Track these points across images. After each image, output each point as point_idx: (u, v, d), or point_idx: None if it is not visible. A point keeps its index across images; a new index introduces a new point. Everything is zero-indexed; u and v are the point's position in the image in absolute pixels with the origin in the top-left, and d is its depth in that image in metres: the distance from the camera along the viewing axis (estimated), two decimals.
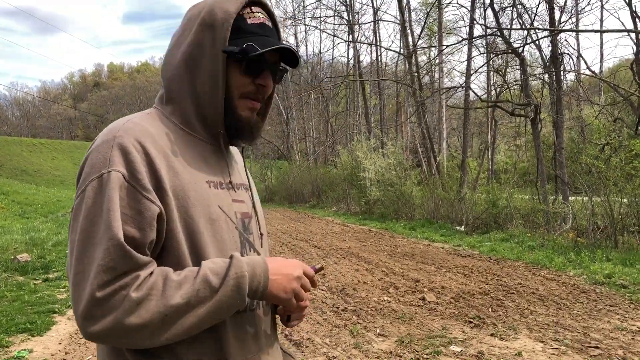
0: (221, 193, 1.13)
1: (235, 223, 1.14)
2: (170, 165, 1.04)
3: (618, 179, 9.68)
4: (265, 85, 1.13)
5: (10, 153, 50.81)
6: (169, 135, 1.08)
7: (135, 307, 0.93)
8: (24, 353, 4.44)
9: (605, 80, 15.91)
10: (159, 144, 1.04)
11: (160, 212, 0.99)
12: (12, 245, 9.93)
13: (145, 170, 0.99)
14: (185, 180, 1.05)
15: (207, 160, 1.14)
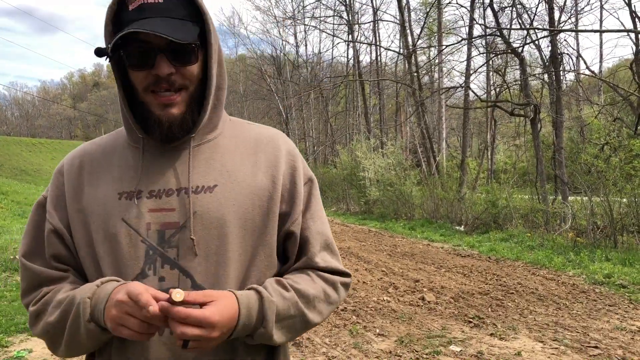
0: (129, 204, 1.03)
1: (142, 236, 1.01)
2: (86, 181, 1.09)
3: (617, 179, 9.68)
4: (159, 74, 0.96)
5: (9, 153, 50.81)
6: (106, 150, 1.12)
7: (33, 320, 1.07)
8: (23, 353, 4.44)
9: (604, 80, 15.91)
10: (84, 162, 1.11)
11: (55, 229, 1.07)
12: (12, 245, 9.93)
13: (55, 192, 1.10)
14: (95, 195, 1.07)
15: (130, 170, 1.06)
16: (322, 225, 1.13)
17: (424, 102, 21.08)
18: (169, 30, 0.93)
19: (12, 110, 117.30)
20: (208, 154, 1.08)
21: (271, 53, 36.30)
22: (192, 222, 1.01)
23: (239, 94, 41.91)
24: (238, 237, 1.03)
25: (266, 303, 0.98)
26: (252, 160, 1.10)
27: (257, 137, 1.14)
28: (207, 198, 1.03)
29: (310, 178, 1.15)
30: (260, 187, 1.07)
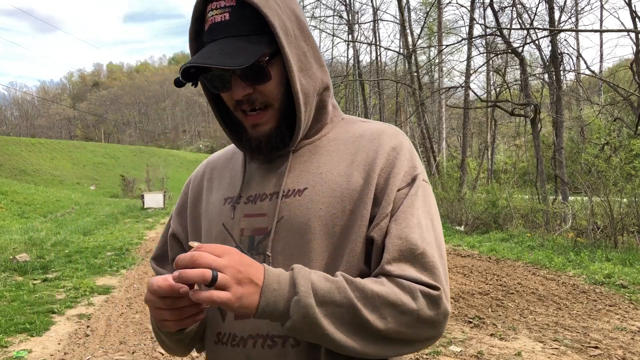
0: (230, 209, 1.03)
1: (235, 242, 1.00)
2: (205, 188, 1.13)
3: (618, 179, 9.68)
4: (235, 98, 0.94)
5: (9, 153, 50.78)
6: (227, 157, 1.15)
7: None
8: (23, 353, 4.43)
9: (605, 80, 15.91)
10: (207, 170, 1.17)
11: (174, 233, 1.14)
12: (11, 245, 9.92)
13: (181, 199, 1.17)
14: (208, 201, 1.10)
15: (237, 176, 1.08)
16: (410, 230, 0.91)
17: (424, 102, 21.08)
18: (228, 54, 0.88)
19: (12, 110, 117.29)
20: (307, 157, 1.01)
21: None
22: (273, 229, 0.96)
23: None
24: (322, 244, 0.95)
25: (295, 269, 0.85)
26: (349, 159, 0.99)
27: (360, 134, 1.02)
28: (295, 202, 0.97)
29: (414, 177, 0.97)
30: (353, 188, 0.96)
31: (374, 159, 0.97)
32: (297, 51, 0.95)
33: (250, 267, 0.81)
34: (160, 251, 1.17)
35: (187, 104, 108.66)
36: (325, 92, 1.02)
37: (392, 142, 0.99)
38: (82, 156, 59.69)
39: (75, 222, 15.30)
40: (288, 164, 1.00)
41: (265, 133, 0.97)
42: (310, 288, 0.83)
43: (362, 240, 0.94)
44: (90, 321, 5.40)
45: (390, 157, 0.97)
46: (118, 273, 8.02)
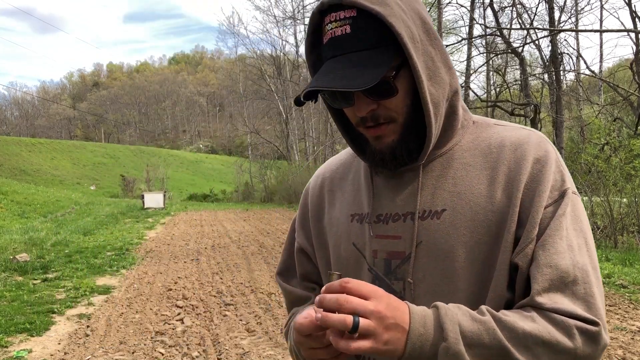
0: (360, 228, 0.97)
1: (369, 264, 0.94)
2: (327, 200, 1.08)
3: (617, 179, 9.68)
4: (358, 115, 0.88)
5: (9, 153, 50.78)
6: (345, 167, 1.08)
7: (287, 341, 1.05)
8: (23, 353, 4.43)
9: (604, 80, 15.92)
10: (325, 180, 1.10)
11: (301, 248, 1.10)
12: (11, 245, 9.92)
13: (301, 211, 1.13)
14: (331, 215, 1.05)
15: (361, 190, 1.01)
16: (559, 256, 0.82)
17: None
18: (353, 74, 0.82)
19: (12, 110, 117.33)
20: (439, 171, 0.92)
21: (271, 53, 36.31)
22: (413, 255, 0.89)
23: (239, 94, 41.91)
24: (467, 272, 0.87)
25: (442, 311, 0.78)
26: (489, 175, 0.89)
27: (500, 143, 0.91)
28: (434, 225, 0.89)
29: (562, 193, 0.86)
30: (498, 210, 0.87)
31: (517, 174, 0.87)
32: (425, 58, 0.87)
33: (396, 311, 0.76)
34: (285, 265, 1.14)
35: (187, 104, 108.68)
36: (454, 96, 0.93)
37: (535, 153, 0.88)
38: (82, 156, 59.69)
39: (75, 222, 15.30)
40: (419, 180, 0.92)
41: (388, 145, 0.91)
42: (458, 333, 0.77)
43: (507, 266, 0.85)
44: (90, 321, 5.40)
45: (535, 171, 0.87)
46: (118, 273, 8.02)
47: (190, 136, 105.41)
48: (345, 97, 0.88)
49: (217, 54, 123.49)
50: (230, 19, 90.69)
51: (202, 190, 42.75)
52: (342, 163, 1.09)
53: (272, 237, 12.25)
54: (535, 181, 0.86)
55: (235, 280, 7.30)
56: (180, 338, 4.79)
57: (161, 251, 10.33)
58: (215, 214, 21.58)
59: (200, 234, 13.56)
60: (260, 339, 4.75)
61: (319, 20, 0.88)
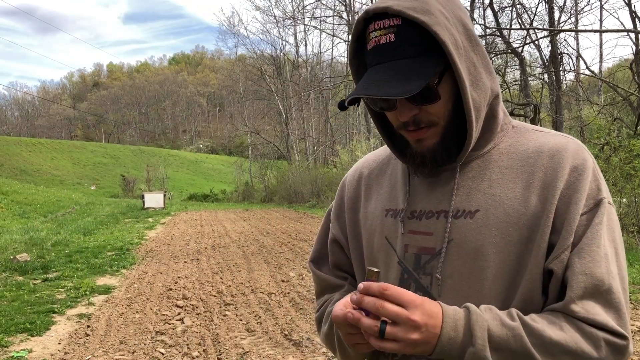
0: (394, 222, 1.00)
1: (399, 257, 0.97)
2: (363, 194, 1.11)
3: (617, 179, 9.69)
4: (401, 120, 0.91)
5: (9, 153, 50.79)
6: (383, 163, 1.11)
7: (317, 326, 1.13)
8: (23, 353, 4.44)
9: (604, 80, 15.92)
10: (363, 174, 1.13)
11: (335, 238, 1.12)
12: (12, 245, 9.93)
13: (337, 202, 1.16)
14: (367, 208, 1.08)
15: (397, 186, 1.04)
16: (595, 264, 0.84)
17: None
18: (398, 81, 0.84)
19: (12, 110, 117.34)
20: (476, 172, 0.95)
21: (271, 53, 36.34)
22: (444, 251, 0.92)
23: (239, 94, 41.92)
24: (496, 273, 0.89)
25: (473, 316, 0.82)
26: (525, 180, 0.91)
27: (538, 149, 0.93)
28: (466, 225, 0.92)
29: (598, 202, 0.88)
30: (532, 214, 0.88)
31: (553, 180, 0.89)
32: (468, 64, 0.89)
33: (430, 318, 0.80)
34: (319, 254, 1.17)
35: (187, 104, 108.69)
36: (495, 100, 0.95)
37: (573, 161, 0.90)
38: (82, 156, 59.70)
39: (76, 222, 15.31)
40: (456, 180, 0.94)
41: (429, 148, 0.93)
42: (486, 340, 0.80)
43: (540, 271, 0.87)
44: (91, 321, 5.41)
45: (572, 179, 0.88)
46: (118, 273, 8.03)
47: (190, 136, 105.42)
48: (388, 102, 0.90)
49: (217, 54, 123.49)
50: (231, 19, 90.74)
51: (202, 190, 42.76)
52: (381, 160, 1.12)
53: (272, 237, 12.25)
54: (571, 189, 0.88)
55: (235, 280, 7.30)
56: (181, 338, 4.80)
57: (161, 251, 10.34)
58: (216, 214, 21.59)
59: (200, 234, 13.56)
60: (260, 339, 4.76)
61: (363, 27, 0.91)
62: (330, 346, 1.07)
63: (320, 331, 1.11)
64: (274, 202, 30.27)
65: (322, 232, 1.18)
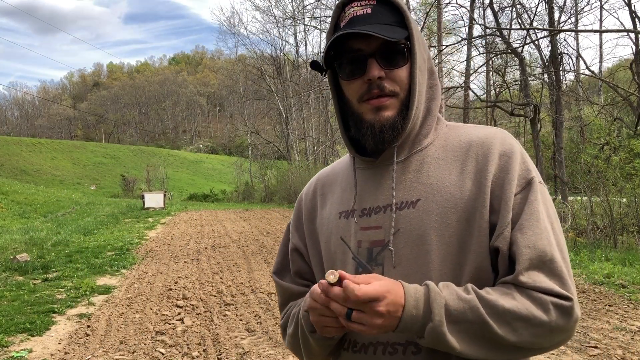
0: (347, 223, 1.07)
1: (353, 253, 1.04)
2: (319, 204, 1.17)
3: (617, 179, 9.69)
4: (370, 79, 0.97)
5: (9, 153, 50.78)
6: (335, 172, 1.19)
7: (282, 333, 1.18)
8: (23, 353, 4.44)
9: (604, 80, 15.92)
10: (318, 186, 1.20)
11: (295, 247, 1.18)
12: (12, 245, 9.93)
13: (296, 215, 1.22)
14: (322, 216, 1.14)
15: (347, 189, 1.10)
16: (537, 237, 0.91)
17: None
18: (377, 30, 0.94)
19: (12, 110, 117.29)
20: (415, 167, 1.02)
21: (271, 53, 36.32)
22: (391, 240, 0.99)
23: (239, 94, 41.92)
24: (440, 255, 0.96)
25: (432, 294, 0.88)
26: (459, 168, 0.99)
27: (468, 140, 1.02)
28: (410, 214, 0.99)
29: (529, 181, 0.96)
30: (467, 197, 0.96)
31: (484, 165, 0.97)
32: (423, 54, 1.02)
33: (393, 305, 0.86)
34: (281, 265, 1.22)
35: (187, 104, 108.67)
36: (432, 102, 1.06)
37: (501, 147, 0.98)
38: (82, 156, 59.69)
39: (76, 222, 15.31)
40: (394, 175, 1.02)
41: (388, 119, 0.99)
42: (443, 316, 0.87)
43: (485, 250, 0.94)
44: (91, 321, 5.41)
45: (502, 162, 0.97)
46: (118, 273, 8.03)
47: (190, 136, 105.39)
48: (358, 63, 0.98)
49: (217, 54, 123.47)
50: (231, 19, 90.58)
51: (202, 190, 42.75)
52: (333, 170, 1.20)
53: (272, 237, 12.25)
54: (503, 171, 0.96)
55: (235, 280, 7.30)
56: (181, 338, 4.80)
57: (161, 251, 10.34)
58: (216, 214, 21.59)
59: (200, 234, 13.56)
60: (260, 338, 4.76)
61: (340, 12, 1.01)
62: (295, 347, 1.11)
63: (286, 335, 1.15)
64: (274, 202, 30.27)
65: (283, 244, 1.23)
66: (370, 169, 1.07)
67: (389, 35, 0.93)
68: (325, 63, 1.03)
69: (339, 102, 1.07)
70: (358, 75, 0.98)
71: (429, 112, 1.05)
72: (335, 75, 1.05)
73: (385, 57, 0.97)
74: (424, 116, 1.04)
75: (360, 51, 0.97)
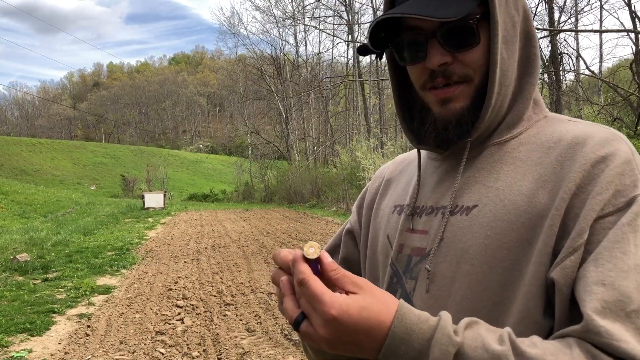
0: (397, 220, 0.90)
1: (391, 259, 0.87)
2: (381, 190, 1.02)
3: None
4: (430, 67, 0.77)
5: (9, 153, 50.81)
6: (406, 160, 1.03)
7: None
8: (23, 353, 4.44)
9: (604, 80, 15.93)
10: (386, 171, 1.05)
11: (350, 229, 1.03)
12: (12, 245, 9.93)
13: (360, 195, 1.07)
14: (380, 205, 1.00)
15: (409, 182, 0.95)
16: (619, 275, 0.62)
17: None
18: (433, 7, 0.73)
19: (12, 110, 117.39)
20: (486, 163, 0.80)
21: (271, 53, 36.35)
22: (432, 252, 0.79)
23: (239, 94, 41.94)
24: (483, 281, 0.73)
25: (438, 334, 0.59)
26: (537, 172, 0.74)
27: (560, 138, 0.76)
28: (459, 222, 0.78)
29: (630, 199, 0.66)
30: (536, 213, 0.71)
31: (568, 173, 0.70)
32: (506, 18, 0.77)
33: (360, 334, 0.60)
34: (332, 246, 1.06)
35: (187, 104, 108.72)
36: (526, 79, 0.81)
37: (599, 150, 0.70)
38: (82, 156, 59.73)
39: (76, 222, 15.31)
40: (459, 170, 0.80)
41: (456, 112, 0.78)
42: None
43: (541, 284, 0.68)
44: (91, 321, 5.41)
45: (594, 170, 0.68)
46: (118, 273, 8.03)
47: (190, 136, 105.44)
48: (417, 47, 0.78)
49: (217, 54, 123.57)
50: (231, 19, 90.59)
51: (202, 190, 42.77)
52: (407, 158, 1.04)
53: (272, 237, 12.25)
54: (591, 182, 0.68)
55: (235, 280, 7.30)
56: (181, 338, 4.80)
57: (161, 251, 10.34)
58: (215, 214, 21.60)
59: (200, 234, 13.57)
60: (260, 339, 4.76)
61: None
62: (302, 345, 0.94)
63: None
64: (274, 202, 30.29)
65: (342, 226, 1.08)
66: (438, 160, 0.88)
67: (445, 13, 0.72)
68: (377, 44, 0.82)
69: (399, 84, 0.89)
70: (418, 61, 0.78)
71: (519, 93, 0.81)
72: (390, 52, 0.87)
73: (451, 37, 0.75)
74: (512, 99, 0.81)
75: (419, 31, 0.77)
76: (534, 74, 0.80)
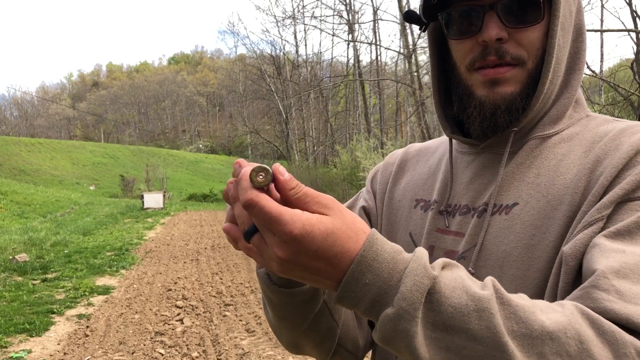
0: (423, 217, 0.83)
1: None
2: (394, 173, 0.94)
3: None
4: (486, 40, 0.70)
5: (8, 153, 50.79)
6: (428, 148, 0.96)
7: None
8: (22, 353, 4.42)
9: (605, 79, 15.92)
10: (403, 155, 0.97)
11: (365, 205, 0.93)
12: (11, 245, 9.91)
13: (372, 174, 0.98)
14: (393, 195, 0.91)
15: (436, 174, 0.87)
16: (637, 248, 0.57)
17: (425, 101, 21.10)
18: None
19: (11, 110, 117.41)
20: (526, 158, 0.75)
21: (271, 53, 36.36)
22: (474, 258, 0.71)
23: (239, 94, 41.94)
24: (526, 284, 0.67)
25: (413, 264, 0.51)
26: (580, 166, 0.69)
27: (603, 133, 0.72)
28: (499, 222, 0.72)
29: None
30: (578, 202, 0.66)
31: (611, 161, 0.66)
32: (565, 5, 0.72)
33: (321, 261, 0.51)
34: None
35: (187, 104, 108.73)
36: (573, 74, 0.77)
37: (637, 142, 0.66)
38: (81, 156, 59.72)
39: (75, 222, 15.29)
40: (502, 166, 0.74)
41: (505, 96, 0.72)
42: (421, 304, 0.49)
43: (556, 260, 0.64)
44: (90, 321, 5.39)
45: (636, 159, 0.64)
46: (118, 273, 8.01)
47: (190, 136, 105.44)
48: (471, 18, 0.72)
49: (217, 54, 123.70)
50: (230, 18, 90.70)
51: (202, 190, 42.74)
52: (427, 147, 0.97)
53: None
54: (630, 169, 0.64)
55: (235, 281, 7.28)
56: (180, 338, 4.78)
57: (161, 251, 10.32)
58: (215, 214, 21.58)
59: (199, 234, 13.55)
60: (260, 339, 4.74)
61: None
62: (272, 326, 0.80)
63: None
64: None
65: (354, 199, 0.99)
66: (470, 154, 0.82)
67: None
68: (427, 14, 0.76)
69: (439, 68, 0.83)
70: (471, 34, 0.72)
71: (566, 88, 0.77)
72: (437, 30, 0.81)
73: (511, 11, 0.70)
74: (559, 93, 0.76)
75: (475, 1, 0.71)
76: (580, 71, 0.77)
